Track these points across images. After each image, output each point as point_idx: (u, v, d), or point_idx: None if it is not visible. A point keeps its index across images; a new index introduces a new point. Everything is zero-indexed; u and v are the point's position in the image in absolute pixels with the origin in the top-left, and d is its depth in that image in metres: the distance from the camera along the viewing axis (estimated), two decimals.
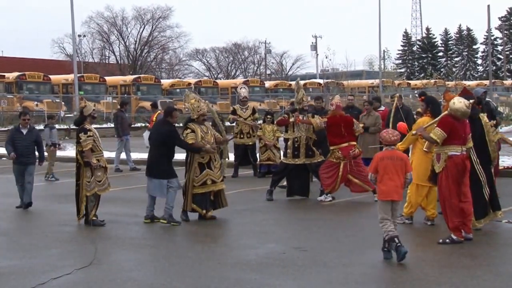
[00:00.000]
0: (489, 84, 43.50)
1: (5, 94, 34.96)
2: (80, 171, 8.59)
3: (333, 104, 10.28)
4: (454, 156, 6.92)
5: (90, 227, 8.37)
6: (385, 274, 5.91)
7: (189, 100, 8.81)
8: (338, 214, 9.10)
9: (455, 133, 6.92)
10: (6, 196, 11.55)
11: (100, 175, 8.58)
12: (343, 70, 45.84)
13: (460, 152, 6.96)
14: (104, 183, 8.65)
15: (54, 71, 44.61)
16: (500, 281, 5.68)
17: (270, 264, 6.29)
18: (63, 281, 5.87)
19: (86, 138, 8.49)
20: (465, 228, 7.02)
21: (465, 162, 7.00)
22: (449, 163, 6.91)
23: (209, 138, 8.66)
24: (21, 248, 7.24)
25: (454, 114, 6.92)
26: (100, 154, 8.69)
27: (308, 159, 10.17)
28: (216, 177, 8.64)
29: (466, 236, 7.03)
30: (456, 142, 6.94)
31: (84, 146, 8.50)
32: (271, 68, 73.43)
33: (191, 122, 8.74)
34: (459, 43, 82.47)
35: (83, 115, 8.81)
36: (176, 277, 5.96)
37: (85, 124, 8.69)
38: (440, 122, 7.02)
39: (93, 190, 8.51)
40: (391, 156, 6.38)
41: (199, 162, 8.57)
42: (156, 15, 62.41)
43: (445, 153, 6.95)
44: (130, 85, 39.77)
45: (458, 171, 6.93)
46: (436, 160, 7.04)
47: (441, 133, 6.87)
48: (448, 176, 6.93)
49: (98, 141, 8.69)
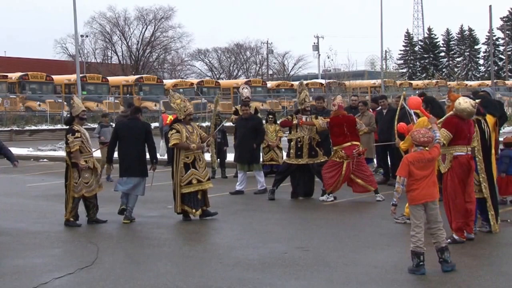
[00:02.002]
0: (491, 84, 43.42)
1: (8, 94, 35.05)
2: (68, 172, 8.51)
3: (335, 105, 10.29)
4: (459, 156, 6.90)
5: (90, 227, 8.39)
6: (387, 274, 5.91)
7: (175, 100, 8.82)
8: (340, 214, 9.11)
9: (460, 134, 6.90)
10: (8, 196, 11.58)
11: (87, 177, 8.47)
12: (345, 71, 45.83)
13: (465, 152, 6.95)
14: (91, 185, 8.53)
15: (56, 71, 44.73)
16: (502, 281, 5.68)
17: (272, 264, 6.30)
18: (65, 281, 5.89)
19: (73, 140, 8.39)
20: (467, 228, 7.03)
21: (470, 162, 6.99)
22: (455, 163, 6.90)
23: (194, 138, 8.70)
24: (23, 248, 7.26)
25: (460, 114, 6.90)
26: (88, 155, 8.56)
27: (311, 159, 10.18)
28: (201, 176, 8.68)
29: (468, 236, 7.04)
30: (461, 142, 6.93)
31: (71, 147, 8.41)
32: (273, 68, 73.51)
33: (177, 122, 8.78)
34: (461, 43, 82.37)
35: (72, 115, 8.71)
36: (178, 277, 5.97)
37: (73, 125, 8.57)
38: (445, 122, 6.98)
39: (81, 192, 8.42)
40: (421, 158, 6.02)
41: (184, 162, 8.63)
42: (159, 16, 62.57)
43: (450, 153, 6.93)
44: (132, 85, 39.83)
45: (463, 171, 6.92)
46: (441, 161, 7.01)
47: (447, 134, 6.85)
48: (454, 177, 6.92)
49: (87, 142, 8.57)
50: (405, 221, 8.03)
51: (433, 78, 52.01)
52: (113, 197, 9.73)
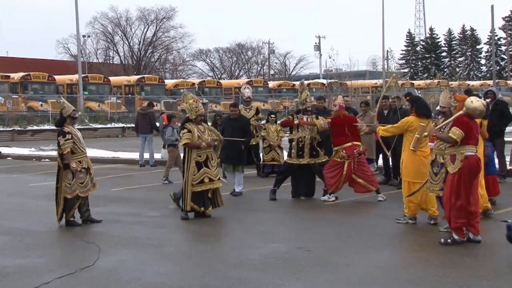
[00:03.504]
0: (493, 84, 43.40)
1: (10, 95, 35.09)
2: (59, 173, 8.45)
3: (336, 105, 10.29)
4: (469, 156, 6.82)
5: (91, 227, 8.39)
6: (389, 274, 5.91)
7: (188, 100, 8.84)
8: (342, 214, 9.10)
9: (471, 133, 6.83)
10: (10, 196, 11.61)
11: (82, 177, 8.42)
12: (346, 70, 45.89)
13: (474, 152, 6.88)
14: (87, 185, 8.49)
15: (58, 71, 44.76)
16: (504, 281, 5.67)
17: (273, 264, 6.30)
18: (67, 281, 5.89)
19: (64, 142, 8.32)
20: (472, 230, 6.92)
21: (478, 163, 6.94)
22: (465, 164, 6.79)
23: (206, 137, 8.73)
24: (25, 248, 7.26)
25: (471, 113, 6.83)
26: (82, 155, 8.50)
27: (312, 159, 10.18)
28: (213, 175, 8.71)
29: (474, 238, 6.92)
30: (471, 142, 6.85)
31: (63, 149, 8.34)
32: (274, 68, 73.51)
33: (188, 122, 8.80)
34: (462, 43, 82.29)
35: (62, 116, 8.56)
36: (179, 277, 5.97)
37: (64, 126, 8.48)
38: (456, 122, 6.87)
39: (75, 192, 8.37)
40: None
41: (197, 161, 8.64)
42: (160, 16, 62.63)
43: (461, 153, 6.81)
44: (134, 85, 39.87)
45: (471, 172, 6.82)
46: (450, 161, 6.88)
47: (460, 133, 6.75)
48: (461, 177, 6.80)
49: (80, 142, 8.49)
50: (407, 221, 8.03)
51: (434, 78, 51.98)
52: (116, 197, 9.76)
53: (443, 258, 6.39)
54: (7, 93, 35.11)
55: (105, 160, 17.78)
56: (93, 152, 19.57)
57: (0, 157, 19.97)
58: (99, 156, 18.54)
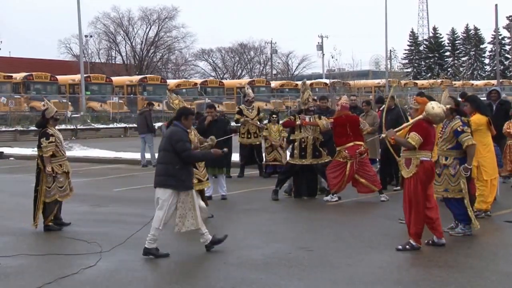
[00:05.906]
0: (496, 83, 43.33)
1: (13, 95, 35.15)
2: (40, 176, 8.29)
3: (339, 105, 10.26)
4: (425, 161, 6.75)
5: (93, 227, 8.38)
6: (391, 274, 5.89)
7: (173, 101, 8.84)
8: (344, 214, 9.09)
9: (428, 139, 6.77)
10: (13, 196, 11.61)
11: (62, 181, 8.32)
12: (349, 70, 45.84)
13: (429, 158, 6.83)
14: (66, 189, 8.39)
15: (61, 71, 44.80)
16: (507, 281, 5.65)
17: (276, 264, 6.28)
18: (69, 281, 5.89)
19: (48, 144, 8.16)
20: (436, 233, 6.87)
21: (433, 168, 6.90)
22: (420, 169, 6.72)
23: (192, 138, 8.68)
24: (27, 248, 7.26)
25: (432, 119, 6.77)
26: (62, 158, 8.38)
27: (315, 159, 10.16)
28: (201, 176, 8.77)
29: (439, 241, 6.85)
30: (427, 148, 6.79)
31: (44, 152, 8.19)
32: (277, 68, 73.50)
33: None
34: (466, 43, 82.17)
35: (45, 117, 8.37)
36: (182, 277, 5.96)
37: (47, 127, 8.33)
38: (415, 126, 6.81)
39: (54, 196, 8.26)
40: None
41: None
42: (162, 16, 62.67)
43: (416, 158, 6.74)
44: (136, 85, 39.89)
45: (427, 177, 6.77)
46: (405, 165, 6.84)
47: (419, 138, 6.68)
48: (417, 182, 6.73)
49: (61, 145, 8.38)
50: None
51: (438, 78, 51.89)
52: (118, 197, 9.77)
53: (447, 259, 6.37)
54: (9, 93, 35.18)
55: (107, 160, 17.78)
56: (95, 152, 19.63)
57: (3, 157, 20.00)
58: (101, 156, 18.56)
